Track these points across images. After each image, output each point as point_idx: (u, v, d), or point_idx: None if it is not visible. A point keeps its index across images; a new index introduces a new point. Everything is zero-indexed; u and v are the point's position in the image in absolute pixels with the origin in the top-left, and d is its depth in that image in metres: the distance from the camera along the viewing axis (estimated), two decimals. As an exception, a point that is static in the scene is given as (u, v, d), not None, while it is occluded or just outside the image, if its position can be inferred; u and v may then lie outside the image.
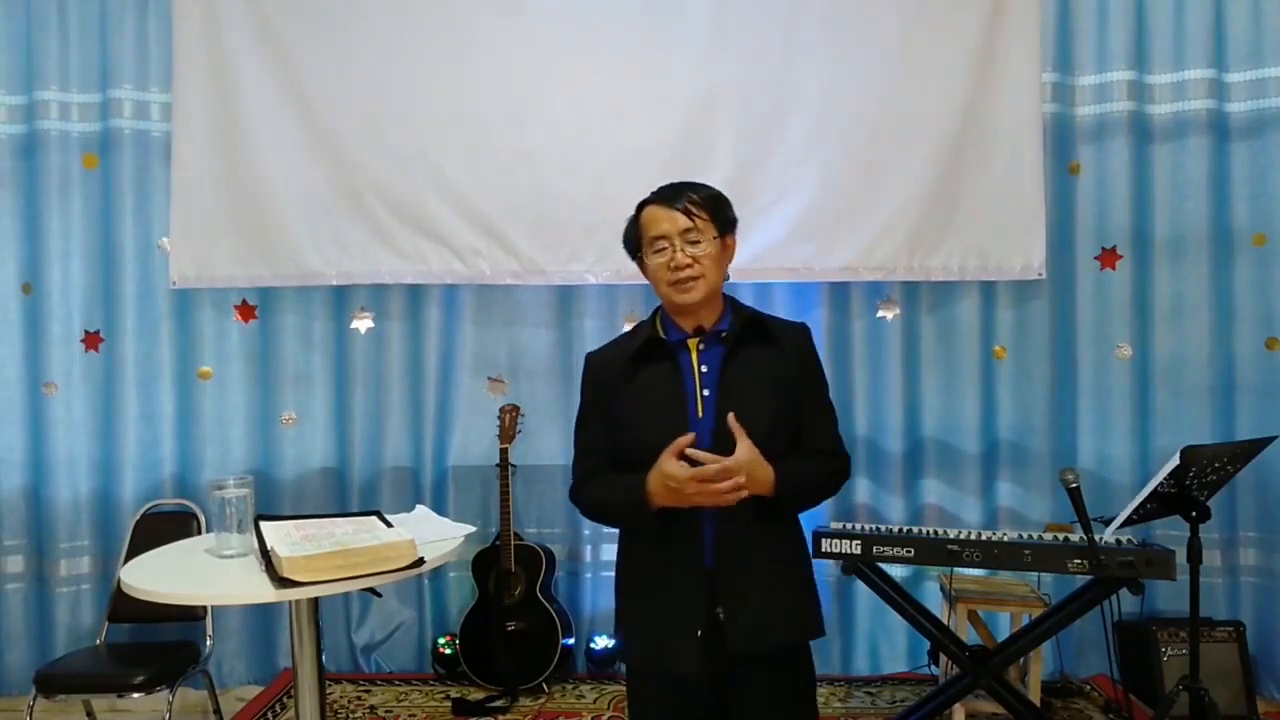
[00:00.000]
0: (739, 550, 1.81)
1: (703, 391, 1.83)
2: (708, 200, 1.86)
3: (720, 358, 1.85)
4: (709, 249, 1.83)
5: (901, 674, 3.75)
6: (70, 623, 3.76)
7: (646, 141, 3.65)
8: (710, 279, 1.83)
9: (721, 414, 1.77)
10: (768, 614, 1.81)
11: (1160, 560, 2.66)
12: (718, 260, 1.85)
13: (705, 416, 1.81)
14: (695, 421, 1.81)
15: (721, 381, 1.83)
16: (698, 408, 1.82)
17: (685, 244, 1.82)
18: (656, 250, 1.85)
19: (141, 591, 1.85)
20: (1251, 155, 3.61)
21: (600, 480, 1.91)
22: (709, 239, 1.83)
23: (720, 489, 1.70)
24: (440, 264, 3.74)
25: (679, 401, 1.83)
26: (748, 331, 1.88)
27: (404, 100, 3.70)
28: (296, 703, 2.10)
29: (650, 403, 1.85)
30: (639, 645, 1.90)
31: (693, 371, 1.85)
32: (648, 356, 1.89)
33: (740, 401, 1.79)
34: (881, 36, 3.62)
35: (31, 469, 3.78)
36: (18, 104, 3.76)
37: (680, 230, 1.83)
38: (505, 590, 3.60)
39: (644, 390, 1.87)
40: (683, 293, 1.83)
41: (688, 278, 1.82)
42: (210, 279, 3.77)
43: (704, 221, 1.83)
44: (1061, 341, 3.73)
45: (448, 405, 3.89)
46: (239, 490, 2.06)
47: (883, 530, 2.92)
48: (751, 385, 1.83)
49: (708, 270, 1.82)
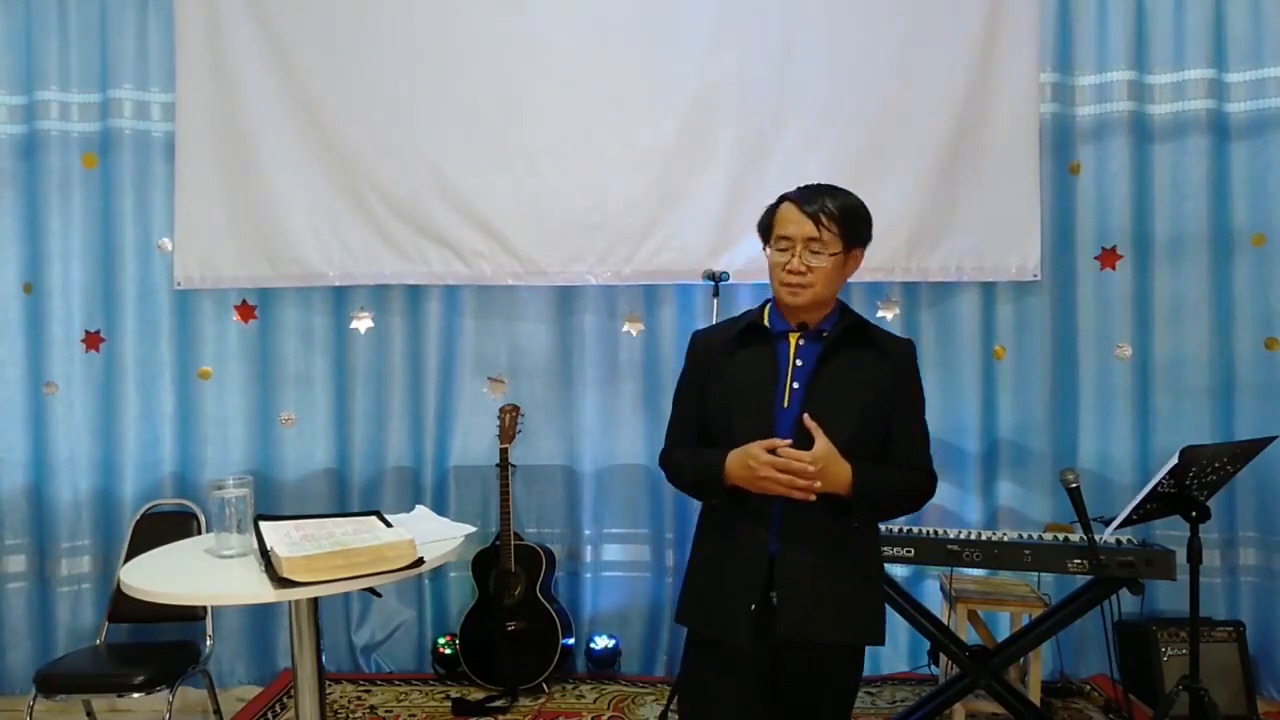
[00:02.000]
0: (805, 540, 1.84)
1: (793, 384, 1.87)
2: (842, 213, 1.86)
3: (817, 355, 1.88)
4: (828, 261, 1.85)
5: (901, 674, 3.75)
6: (70, 623, 3.76)
7: (646, 142, 3.66)
8: (820, 290, 1.86)
9: (807, 409, 1.81)
10: (820, 607, 1.83)
11: (1160, 560, 2.67)
12: (835, 272, 1.88)
13: (791, 408, 1.85)
14: (780, 411, 1.85)
15: (813, 378, 1.86)
16: (784, 398, 1.86)
17: (807, 251, 1.85)
18: (780, 248, 1.89)
19: (141, 591, 1.86)
20: (1251, 155, 3.60)
21: (685, 449, 1.99)
22: (831, 252, 1.85)
23: (794, 483, 1.75)
24: (442, 265, 3.75)
25: (768, 389, 1.87)
26: (850, 335, 1.91)
27: (405, 100, 3.70)
28: (296, 703, 2.11)
29: (741, 385, 1.90)
30: (700, 612, 1.94)
31: (788, 363, 1.89)
32: (749, 341, 1.94)
33: (827, 401, 1.83)
34: (881, 37, 3.63)
35: (32, 468, 3.78)
36: (18, 104, 3.76)
37: (806, 237, 1.85)
38: (505, 590, 3.60)
39: (738, 372, 1.92)
40: (791, 295, 1.88)
41: (797, 284, 1.86)
42: (215, 279, 3.77)
43: (831, 235, 1.85)
44: (1061, 341, 3.73)
45: (448, 405, 3.89)
46: (239, 490, 2.06)
47: (883, 530, 2.92)
48: (842, 387, 1.86)
49: (819, 281, 1.85)
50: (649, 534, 3.81)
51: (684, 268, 3.64)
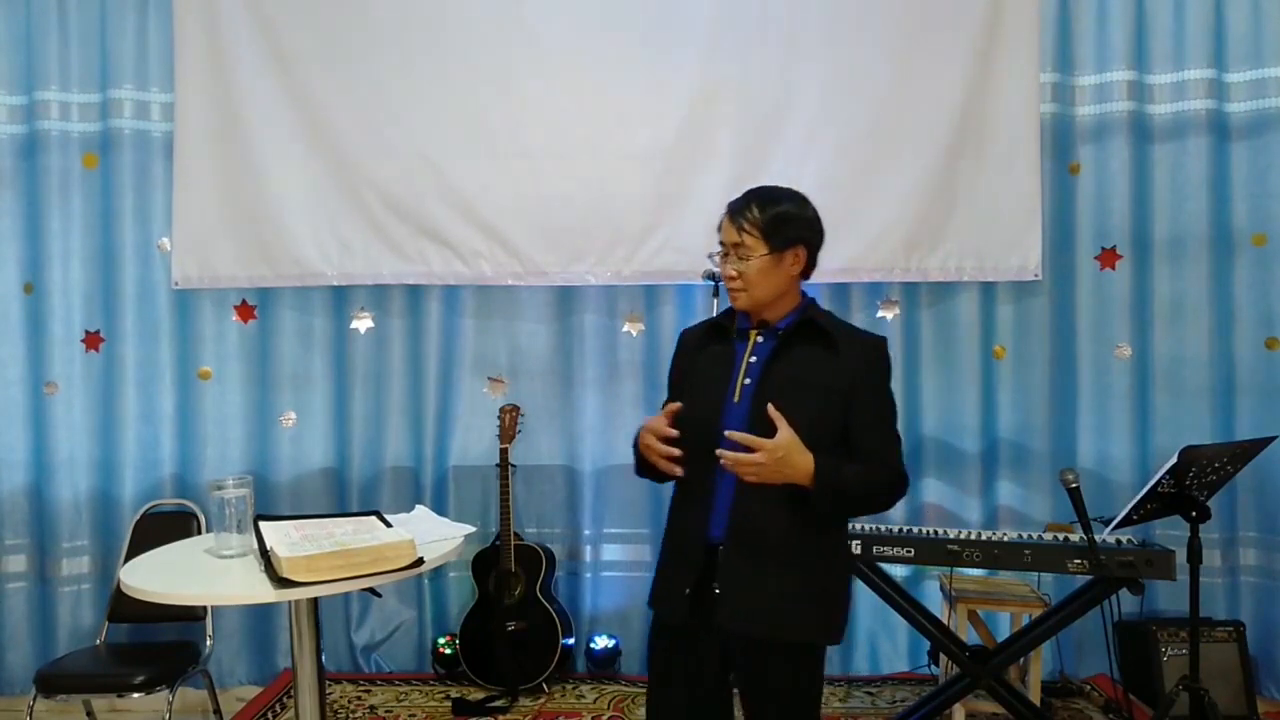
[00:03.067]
0: (754, 533, 1.87)
1: (745, 380, 1.93)
2: (764, 217, 1.92)
3: (769, 352, 1.93)
4: (755, 264, 1.92)
5: (901, 674, 3.75)
6: (70, 623, 3.76)
7: (646, 143, 3.66)
8: (758, 291, 1.93)
9: (757, 404, 1.86)
10: (761, 603, 1.86)
11: (1160, 560, 2.66)
12: (769, 273, 1.93)
13: (741, 403, 1.91)
14: (730, 406, 1.91)
15: (764, 373, 1.91)
16: (735, 394, 1.92)
17: (734, 256, 1.94)
18: (722, 255, 1.98)
19: (141, 592, 1.86)
20: (1251, 155, 3.61)
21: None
22: (757, 255, 1.91)
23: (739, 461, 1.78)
24: (442, 265, 3.75)
25: (722, 384, 1.95)
26: (806, 332, 1.95)
27: (404, 100, 3.70)
28: (296, 703, 2.11)
29: (700, 380, 2.00)
30: (652, 593, 2.03)
31: (743, 359, 1.95)
32: (716, 339, 2.04)
33: (776, 395, 1.86)
34: (880, 37, 3.63)
35: (32, 468, 3.78)
36: (18, 104, 3.76)
37: (732, 243, 1.94)
38: (505, 590, 3.60)
39: (700, 368, 2.02)
40: (733, 298, 1.98)
41: (733, 288, 1.96)
42: (213, 279, 3.77)
43: (754, 239, 1.92)
44: (1061, 341, 3.73)
45: (448, 405, 3.89)
46: (238, 490, 2.06)
47: (883, 530, 2.92)
48: (793, 383, 1.89)
49: (752, 284, 1.92)
50: (649, 534, 3.81)
51: (684, 268, 3.63)
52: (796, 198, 1.98)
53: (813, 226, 1.98)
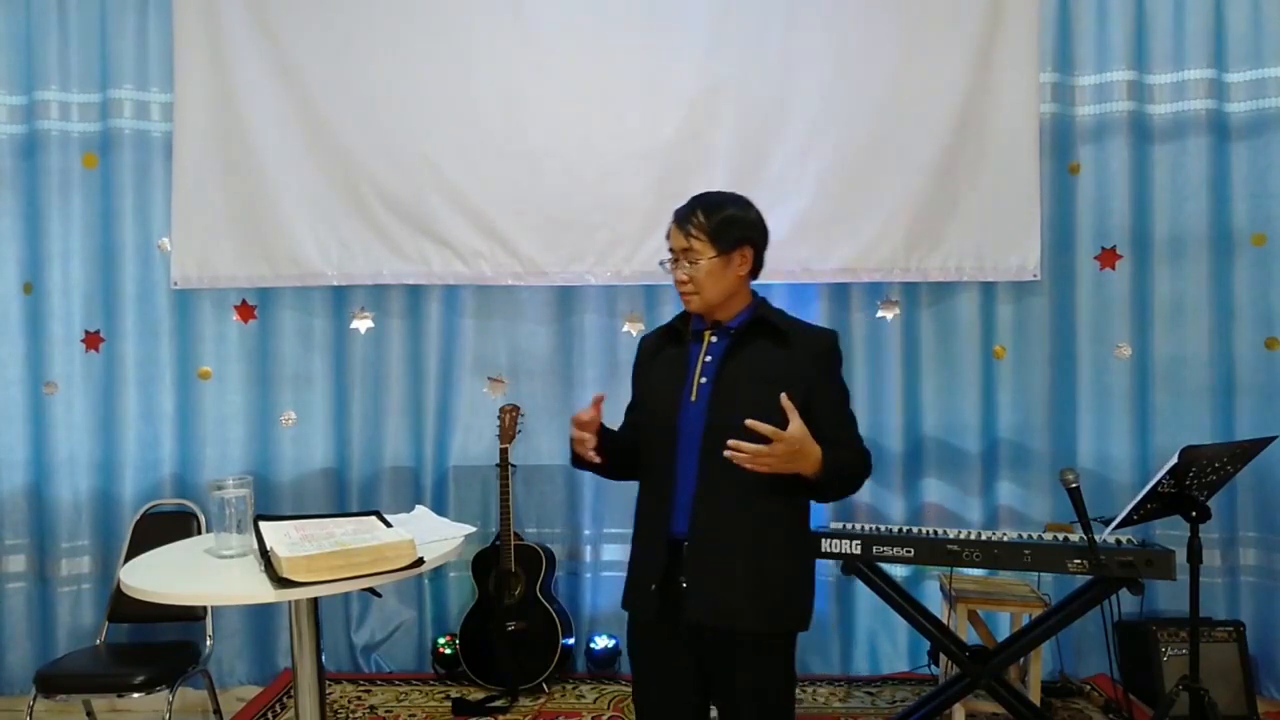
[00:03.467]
0: (714, 527, 1.92)
1: (701, 379, 1.99)
2: (709, 220, 1.98)
3: (724, 351, 1.98)
4: (704, 267, 1.97)
5: (901, 674, 3.75)
6: (70, 623, 3.76)
7: (646, 142, 3.66)
8: (707, 294, 1.98)
9: (715, 401, 1.93)
10: (729, 594, 1.90)
11: (1160, 560, 2.66)
12: (718, 275, 1.98)
13: (699, 401, 1.97)
14: (688, 404, 1.97)
15: (720, 372, 1.97)
16: (693, 393, 1.98)
17: (684, 261, 1.99)
18: (672, 261, 2.03)
19: (141, 592, 1.86)
20: (1251, 155, 3.60)
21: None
22: (706, 257, 1.97)
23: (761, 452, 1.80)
24: (442, 264, 3.75)
25: (679, 385, 2.00)
26: (757, 329, 2.00)
27: (404, 101, 3.70)
28: (296, 703, 2.11)
29: (657, 382, 2.07)
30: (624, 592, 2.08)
31: (698, 360, 2.01)
32: (672, 343, 2.10)
33: (732, 391, 1.94)
34: (880, 37, 3.62)
35: (33, 468, 3.78)
36: (18, 104, 3.76)
37: (680, 249, 2.00)
38: (505, 590, 3.60)
39: (658, 370, 2.09)
40: (686, 302, 2.03)
41: (685, 293, 2.01)
42: (212, 279, 3.77)
43: (701, 243, 1.97)
44: (1061, 341, 3.73)
45: (448, 405, 3.89)
46: (238, 490, 2.06)
47: (883, 530, 2.92)
48: (748, 379, 1.94)
49: (703, 286, 1.98)
50: (649, 534, 3.81)
51: (684, 268, 3.63)
52: (740, 201, 2.05)
53: (757, 227, 2.04)
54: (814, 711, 3.47)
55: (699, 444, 1.93)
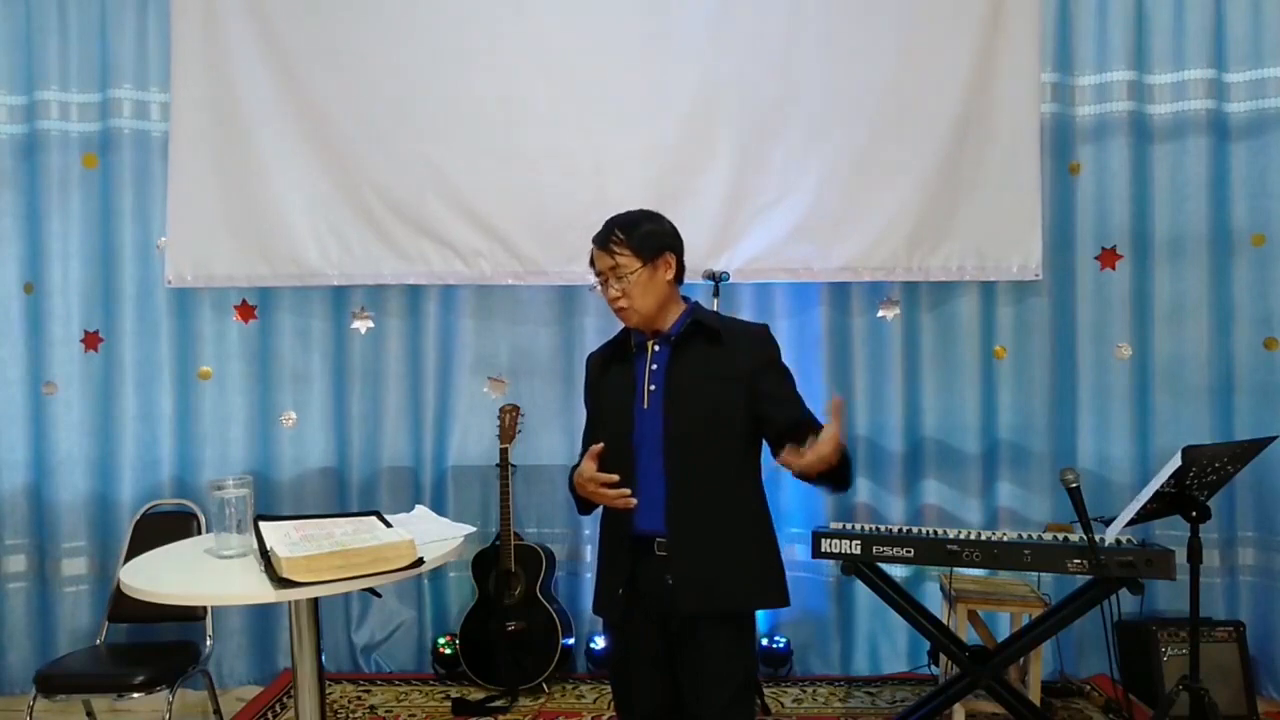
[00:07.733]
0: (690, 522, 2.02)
1: (650, 387, 2.08)
2: (632, 238, 2.07)
3: (667, 357, 2.09)
4: (635, 279, 2.06)
5: (901, 674, 3.75)
6: (70, 623, 3.76)
7: (646, 142, 3.66)
8: (640, 305, 2.08)
9: (667, 406, 2.03)
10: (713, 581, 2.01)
11: (1160, 560, 2.66)
12: (647, 285, 2.08)
13: (651, 409, 2.06)
14: (640, 413, 2.07)
15: (667, 378, 2.07)
16: (644, 401, 2.08)
17: (614, 279, 2.07)
18: (601, 283, 2.13)
19: (141, 592, 1.85)
20: (1251, 155, 3.60)
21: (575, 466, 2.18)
22: (631, 270, 2.06)
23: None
24: (442, 264, 3.75)
25: (630, 395, 2.10)
26: (695, 332, 2.11)
27: (404, 100, 3.70)
28: (296, 703, 2.11)
29: (609, 397, 2.16)
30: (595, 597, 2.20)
31: (645, 370, 2.10)
32: (618, 358, 2.19)
33: (681, 394, 2.05)
34: (881, 37, 3.62)
35: (32, 469, 3.78)
36: (18, 104, 3.76)
37: (608, 268, 2.08)
38: (505, 590, 3.60)
39: (608, 386, 2.18)
40: (623, 318, 2.13)
41: (620, 309, 2.10)
42: (208, 278, 3.77)
43: (626, 256, 2.06)
44: (1061, 341, 3.73)
45: (447, 405, 3.89)
46: (238, 490, 2.06)
47: (883, 530, 2.92)
48: (694, 381, 2.06)
49: (635, 299, 2.07)
50: (649, 534, 3.81)
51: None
52: (652, 215, 2.15)
53: (673, 235, 2.14)
54: (814, 711, 3.47)
55: (661, 446, 2.03)
